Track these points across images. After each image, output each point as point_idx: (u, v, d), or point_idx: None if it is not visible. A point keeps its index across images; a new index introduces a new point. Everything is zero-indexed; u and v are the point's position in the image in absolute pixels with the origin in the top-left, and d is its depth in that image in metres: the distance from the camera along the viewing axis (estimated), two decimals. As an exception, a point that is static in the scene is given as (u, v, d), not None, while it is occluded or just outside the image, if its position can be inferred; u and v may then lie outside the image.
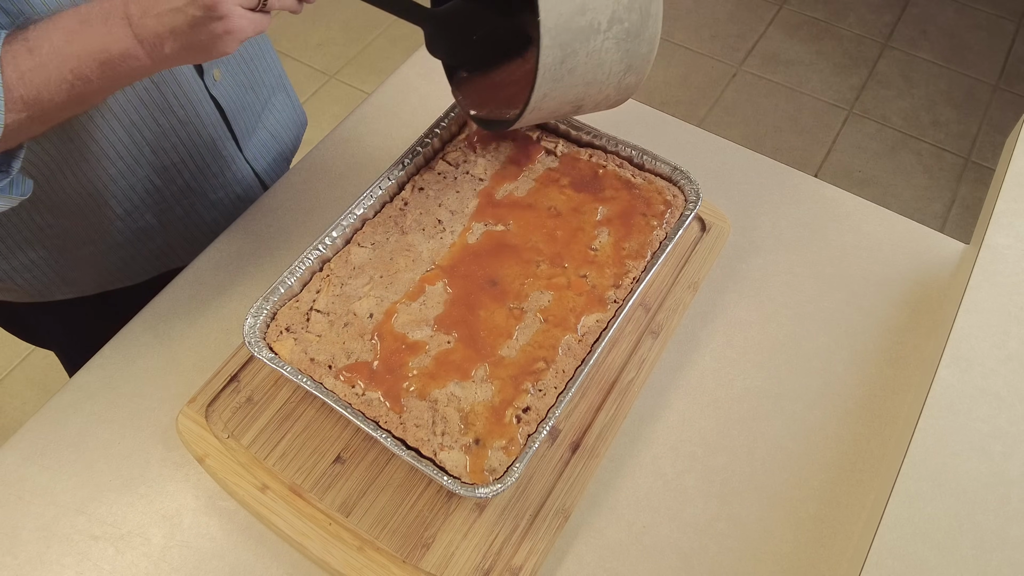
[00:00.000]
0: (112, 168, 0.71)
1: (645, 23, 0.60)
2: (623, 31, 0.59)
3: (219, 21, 0.50)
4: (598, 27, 0.58)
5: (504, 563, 0.60)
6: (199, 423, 0.65)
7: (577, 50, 0.58)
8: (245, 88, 0.80)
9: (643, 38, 0.61)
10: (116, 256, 0.80)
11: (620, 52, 0.61)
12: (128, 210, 0.76)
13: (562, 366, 0.63)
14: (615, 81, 0.63)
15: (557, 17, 0.56)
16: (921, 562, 0.54)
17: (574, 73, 0.60)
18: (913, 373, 0.72)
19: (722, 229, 0.79)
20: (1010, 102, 2.24)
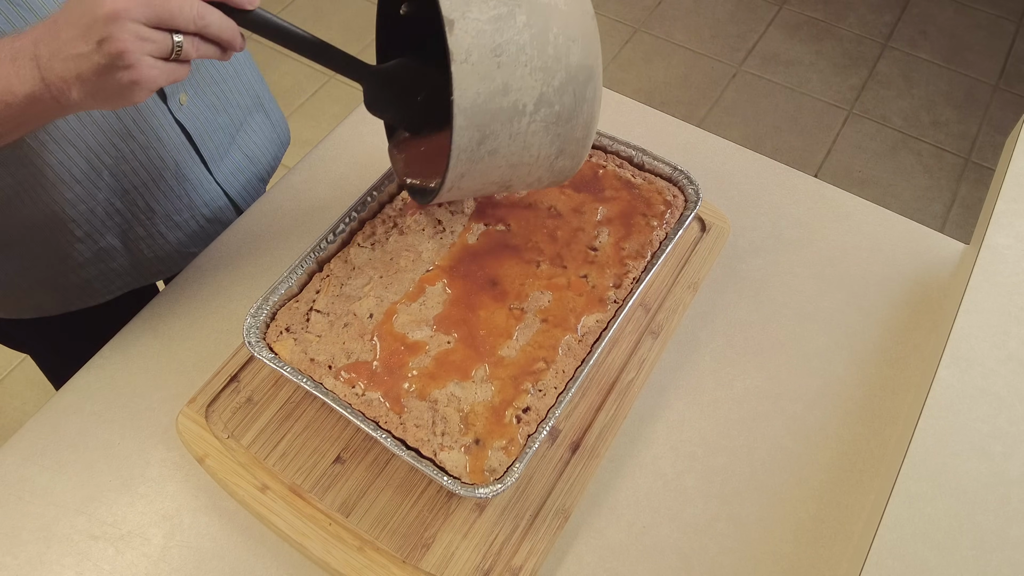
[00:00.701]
0: (69, 193, 0.70)
1: (579, 107, 0.56)
2: (553, 114, 0.55)
3: (126, 70, 0.47)
4: (523, 109, 0.54)
5: (504, 563, 0.60)
6: (199, 423, 0.65)
7: (498, 132, 0.54)
8: (216, 110, 0.78)
9: (576, 122, 0.56)
10: (78, 276, 0.78)
11: (550, 136, 0.56)
12: (88, 232, 0.75)
13: (562, 366, 0.63)
14: (546, 164, 0.59)
15: (474, 97, 0.52)
16: (921, 562, 0.54)
17: (496, 155, 0.55)
18: (913, 373, 0.72)
19: (722, 229, 0.79)
20: (1010, 102, 2.24)
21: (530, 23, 0.53)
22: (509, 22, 0.52)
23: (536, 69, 0.53)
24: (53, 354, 0.92)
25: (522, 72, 0.53)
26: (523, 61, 0.52)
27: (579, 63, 0.54)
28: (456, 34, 0.50)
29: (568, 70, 0.54)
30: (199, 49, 0.50)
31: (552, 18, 0.53)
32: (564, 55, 0.54)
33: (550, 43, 0.53)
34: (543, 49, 0.53)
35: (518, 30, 0.52)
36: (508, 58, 0.52)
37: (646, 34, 2.42)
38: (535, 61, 0.53)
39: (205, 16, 0.49)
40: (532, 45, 0.53)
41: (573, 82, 0.55)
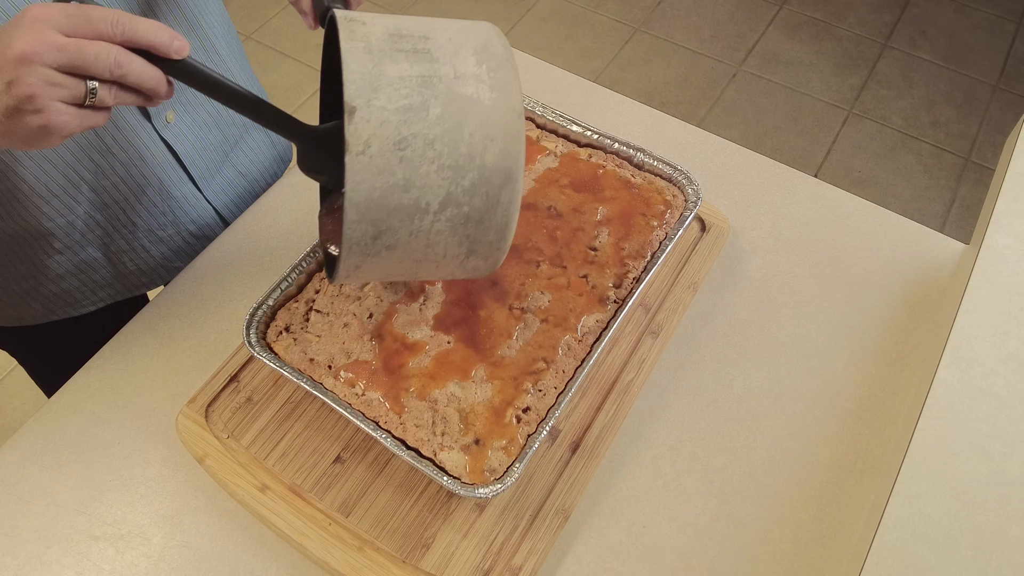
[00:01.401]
0: (47, 207, 0.68)
1: (492, 210, 0.51)
2: (460, 215, 0.50)
3: (35, 114, 0.45)
4: (426, 208, 0.49)
5: (504, 563, 0.60)
6: (199, 423, 0.65)
7: (396, 228, 0.49)
8: (207, 128, 0.77)
9: (490, 226, 0.52)
10: (58, 287, 0.77)
11: (458, 236, 0.51)
12: (68, 244, 0.73)
13: (562, 366, 0.63)
14: (455, 263, 0.54)
15: (369, 191, 0.47)
16: (921, 562, 0.54)
17: (395, 250, 0.51)
18: (913, 373, 0.72)
19: (722, 229, 0.79)
20: (1010, 102, 2.24)
21: (444, 116, 0.48)
22: (420, 114, 0.47)
23: (445, 167, 0.48)
24: (40, 362, 0.91)
25: (428, 169, 0.48)
26: (430, 157, 0.48)
27: (495, 164, 0.49)
28: (356, 123, 0.46)
29: (481, 171, 0.49)
30: (117, 97, 0.48)
31: (471, 113, 0.49)
32: (479, 154, 0.49)
33: (464, 140, 0.48)
34: (455, 146, 0.48)
35: (429, 123, 0.48)
36: (413, 153, 0.47)
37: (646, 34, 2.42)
38: (444, 158, 0.48)
39: (123, 65, 0.46)
40: (443, 141, 0.48)
41: (486, 184, 0.50)
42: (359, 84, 0.46)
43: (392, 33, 0.50)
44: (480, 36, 0.52)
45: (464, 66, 0.50)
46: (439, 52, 0.50)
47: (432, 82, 0.48)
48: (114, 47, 0.46)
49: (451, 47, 0.50)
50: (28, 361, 0.92)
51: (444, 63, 0.49)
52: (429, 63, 0.49)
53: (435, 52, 0.49)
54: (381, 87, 0.47)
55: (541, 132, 0.79)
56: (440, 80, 0.48)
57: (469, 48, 0.51)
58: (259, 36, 2.39)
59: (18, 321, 0.80)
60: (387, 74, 0.47)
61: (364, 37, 0.49)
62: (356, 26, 0.49)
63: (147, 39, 0.47)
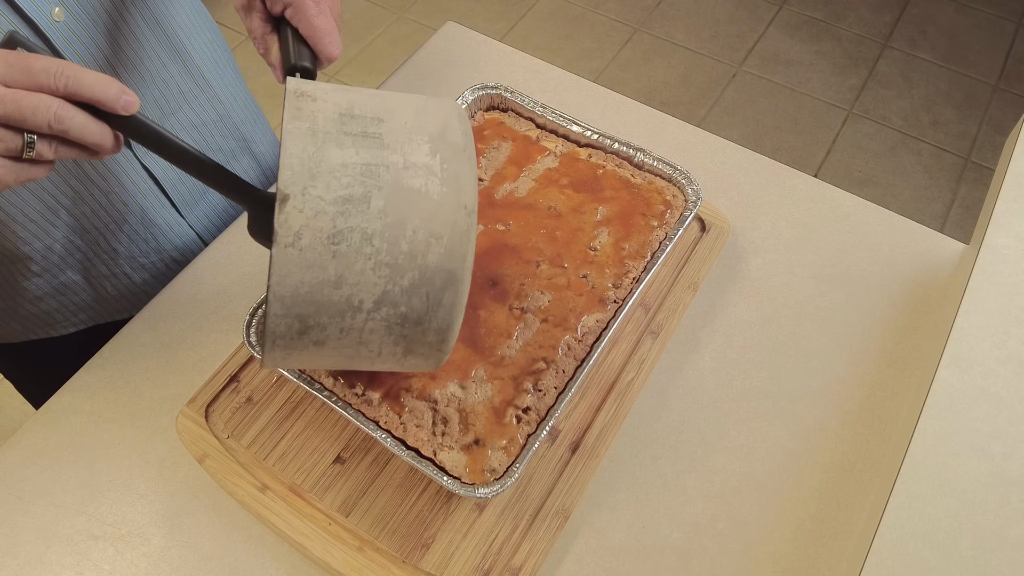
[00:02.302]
0: (23, 231, 0.68)
1: (432, 312, 0.47)
2: (397, 315, 0.47)
3: None
4: (359, 306, 0.46)
5: (504, 563, 0.60)
6: (199, 423, 0.65)
7: (325, 325, 0.46)
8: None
9: (429, 327, 0.48)
10: (37, 308, 0.76)
11: (393, 336, 0.48)
12: (46, 267, 0.72)
13: (562, 366, 0.63)
14: (392, 360, 0.51)
15: (296, 285, 0.44)
16: (921, 562, 0.54)
17: (324, 346, 0.48)
18: (913, 373, 0.72)
19: (722, 229, 0.79)
20: (1010, 102, 2.24)
21: (386, 210, 0.45)
22: (360, 206, 0.44)
23: (382, 264, 0.45)
24: (23, 377, 0.90)
25: (363, 266, 0.45)
26: (367, 254, 0.45)
27: (437, 265, 0.46)
28: (287, 212, 0.43)
29: (423, 271, 0.46)
30: (58, 151, 0.46)
31: (415, 208, 0.45)
32: (421, 253, 0.46)
33: (406, 237, 0.45)
34: (395, 243, 0.45)
35: (369, 217, 0.44)
36: (348, 248, 0.44)
37: (646, 34, 2.42)
38: (383, 255, 0.45)
39: (64, 120, 0.44)
40: (382, 236, 0.45)
41: (427, 285, 0.46)
42: (296, 170, 0.43)
43: (344, 112, 0.46)
44: (439, 121, 0.49)
45: (416, 155, 0.46)
46: (391, 137, 0.46)
47: (378, 172, 0.45)
48: (55, 100, 0.43)
49: (405, 132, 0.47)
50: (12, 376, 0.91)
51: (394, 150, 0.46)
52: (378, 150, 0.45)
53: (386, 137, 0.46)
54: (320, 174, 0.44)
55: (541, 132, 0.79)
56: (387, 170, 0.45)
57: (424, 135, 0.47)
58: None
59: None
60: (329, 160, 0.44)
61: (311, 116, 0.45)
62: (305, 102, 0.46)
63: (91, 93, 0.44)
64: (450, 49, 0.99)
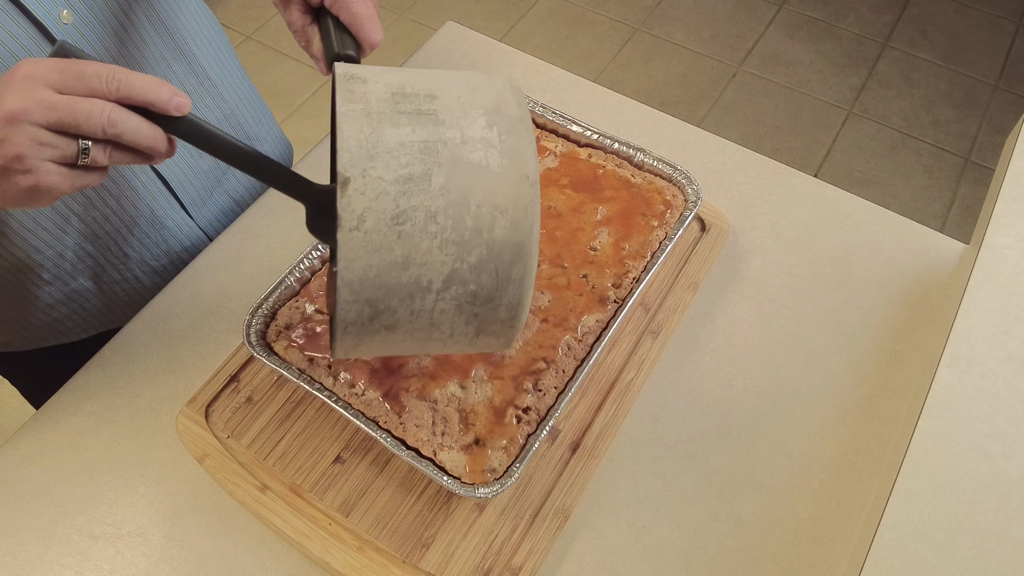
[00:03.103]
0: (35, 239, 0.68)
1: (502, 288, 0.46)
2: (467, 294, 0.46)
3: (24, 175, 0.43)
4: (428, 286, 0.45)
5: (504, 563, 0.60)
6: (199, 423, 0.65)
7: (395, 308, 0.45)
8: (199, 155, 0.75)
9: (500, 304, 0.47)
10: (48, 316, 0.76)
11: (464, 316, 0.47)
12: (58, 275, 0.72)
13: (562, 366, 0.63)
14: (464, 341, 0.50)
15: (364, 269, 0.43)
16: (921, 562, 0.54)
17: (395, 330, 0.47)
18: (913, 373, 0.72)
19: (722, 229, 0.79)
20: (1010, 102, 2.24)
21: (448, 187, 0.44)
22: (422, 184, 0.43)
23: (448, 242, 0.44)
24: (26, 382, 0.90)
25: (429, 245, 0.44)
26: (432, 232, 0.43)
27: (504, 239, 0.45)
28: (349, 195, 0.42)
29: (490, 246, 0.45)
30: (112, 156, 0.45)
31: (477, 182, 0.44)
32: (487, 228, 0.44)
33: (470, 213, 0.44)
34: (460, 219, 0.44)
35: (431, 195, 0.43)
36: (413, 227, 0.43)
37: (646, 34, 2.42)
38: (448, 233, 0.44)
39: (118, 123, 0.44)
40: (446, 214, 0.44)
41: (495, 260, 0.45)
42: (354, 152, 0.43)
43: (395, 92, 0.46)
44: (492, 95, 0.48)
45: (472, 129, 0.45)
46: (445, 113, 0.45)
47: (436, 148, 0.44)
48: (108, 104, 0.43)
49: (459, 108, 0.46)
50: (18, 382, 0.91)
51: (450, 126, 0.45)
52: (434, 126, 0.45)
53: (441, 114, 0.45)
54: (379, 155, 0.43)
55: (541, 132, 0.79)
56: (445, 145, 0.44)
57: (479, 109, 0.46)
58: (259, 36, 2.39)
59: (5, 347, 0.79)
60: (386, 140, 0.43)
61: (363, 98, 0.45)
62: (356, 85, 0.46)
63: (143, 96, 0.44)
64: (450, 49, 0.99)
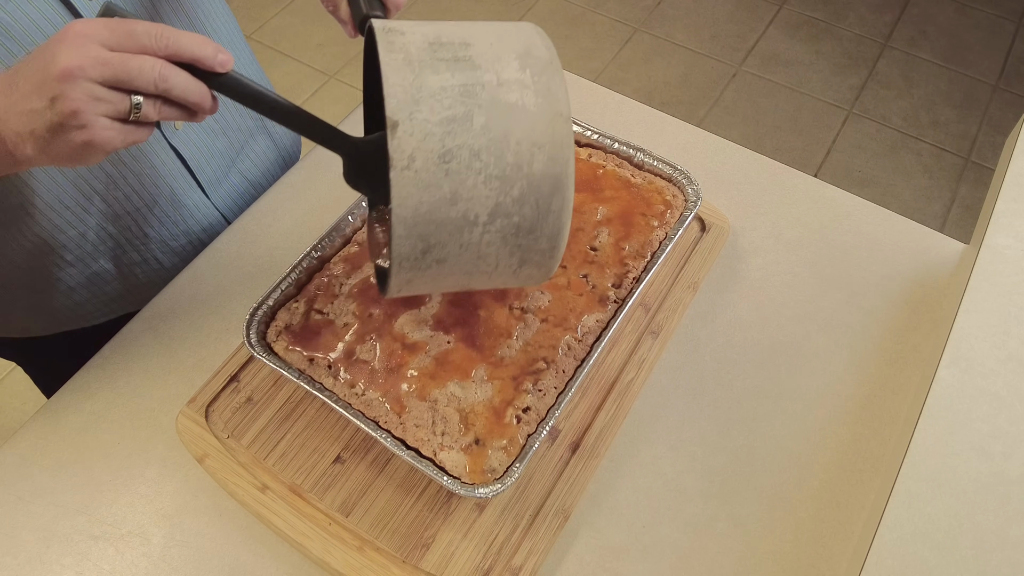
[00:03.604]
0: (59, 219, 0.68)
1: (543, 219, 0.50)
2: (511, 226, 0.49)
3: (79, 130, 0.45)
4: (475, 220, 0.48)
5: (504, 563, 0.60)
6: (199, 423, 0.65)
7: (446, 242, 0.49)
8: (214, 134, 0.76)
9: (541, 234, 0.50)
10: (69, 299, 0.77)
11: (509, 247, 0.50)
12: (80, 256, 0.73)
13: (562, 366, 0.63)
14: (508, 273, 0.53)
15: (416, 206, 0.46)
16: (921, 562, 0.54)
17: (445, 263, 0.50)
18: (913, 373, 0.72)
19: (722, 229, 0.79)
20: (1010, 102, 2.24)
21: (489, 126, 0.47)
22: (464, 125, 0.46)
23: (492, 177, 0.47)
24: (41, 370, 0.90)
25: (475, 181, 0.47)
26: (476, 169, 0.47)
27: (543, 172, 0.48)
28: (399, 137, 0.45)
29: (530, 180, 0.48)
30: (162, 112, 0.47)
31: (516, 121, 0.47)
32: (526, 163, 0.48)
33: (510, 149, 0.47)
34: (501, 156, 0.47)
35: (474, 134, 0.46)
36: (459, 165, 0.46)
37: (646, 34, 2.42)
38: (491, 169, 0.47)
39: (168, 78, 0.46)
40: (489, 151, 0.47)
41: (535, 192, 0.48)
42: (400, 97, 0.46)
43: (432, 42, 0.48)
44: (523, 39, 0.51)
45: (507, 72, 0.48)
46: (481, 59, 0.48)
47: (475, 91, 0.47)
48: (158, 61, 0.45)
49: (493, 53, 0.49)
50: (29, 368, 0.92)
51: (486, 70, 0.48)
52: (471, 71, 0.48)
53: (476, 59, 0.48)
54: (423, 99, 0.46)
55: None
56: (483, 88, 0.47)
57: (511, 53, 0.49)
58: (259, 36, 2.39)
59: (23, 332, 0.80)
60: (428, 85, 0.46)
61: (403, 48, 0.47)
62: (395, 37, 0.48)
63: (191, 52, 0.46)
64: (450, 49, 0.98)
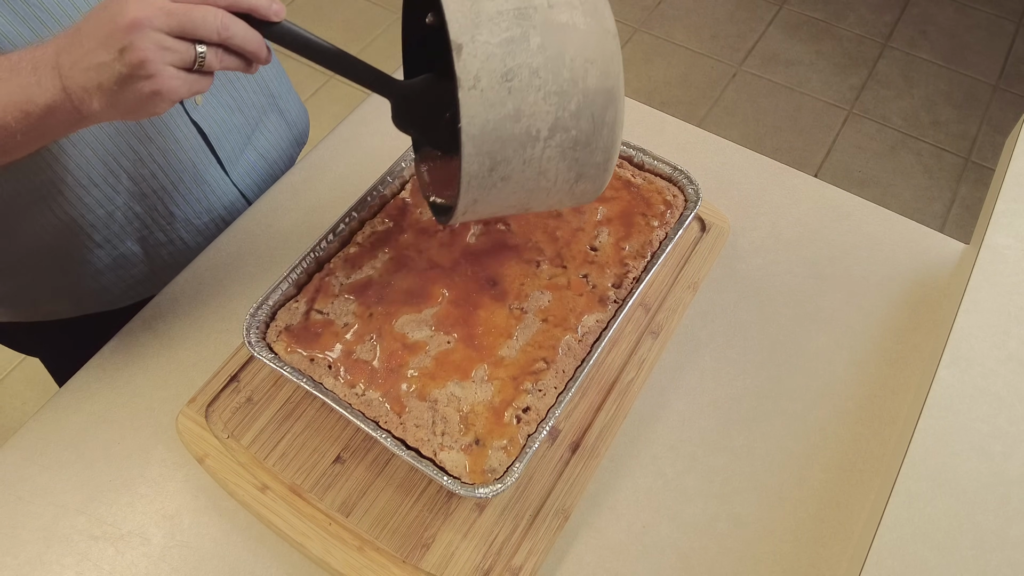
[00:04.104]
0: (88, 197, 0.69)
1: (598, 132, 0.53)
2: (569, 139, 0.53)
3: (147, 80, 0.46)
4: (536, 135, 0.51)
5: (504, 563, 0.60)
6: (199, 423, 0.65)
7: (510, 158, 0.52)
8: (231, 110, 0.78)
9: (596, 147, 0.54)
10: (96, 283, 0.78)
11: (567, 161, 0.54)
12: (108, 237, 0.74)
13: (562, 366, 0.63)
14: (565, 188, 0.56)
15: (483, 124, 0.50)
16: (921, 562, 0.54)
17: (509, 181, 0.53)
18: (913, 373, 0.72)
19: (722, 229, 0.79)
20: (1010, 102, 2.24)
21: (545, 45, 0.50)
22: (522, 45, 0.50)
23: (550, 94, 0.51)
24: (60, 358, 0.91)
25: (535, 97, 0.50)
26: (536, 86, 0.50)
27: (597, 86, 0.52)
28: (464, 59, 0.48)
29: (585, 94, 0.51)
30: (223, 60, 0.49)
31: (569, 39, 0.51)
32: (581, 78, 0.51)
33: (566, 66, 0.51)
34: (558, 72, 0.50)
35: (531, 53, 0.50)
36: (520, 83, 0.50)
37: (646, 34, 2.42)
38: (549, 85, 0.50)
39: (229, 27, 0.48)
40: (546, 69, 0.50)
41: (591, 106, 0.52)
42: (461, 22, 0.49)
43: None
44: None
45: None
46: None
47: (528, 13, 0.50)
48: (220, 11, 0.48)
49: None
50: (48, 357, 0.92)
51: None
52: None
53: None
54: (482, 23, 0.49)
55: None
56: (536, 11, 0.50)
57: None
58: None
59: (49, 315, 0.81)
60: (485, 10, 0.50)
61: None
62: None
63: (248, 2, 0.49)
64: (450, 49, 0.98)
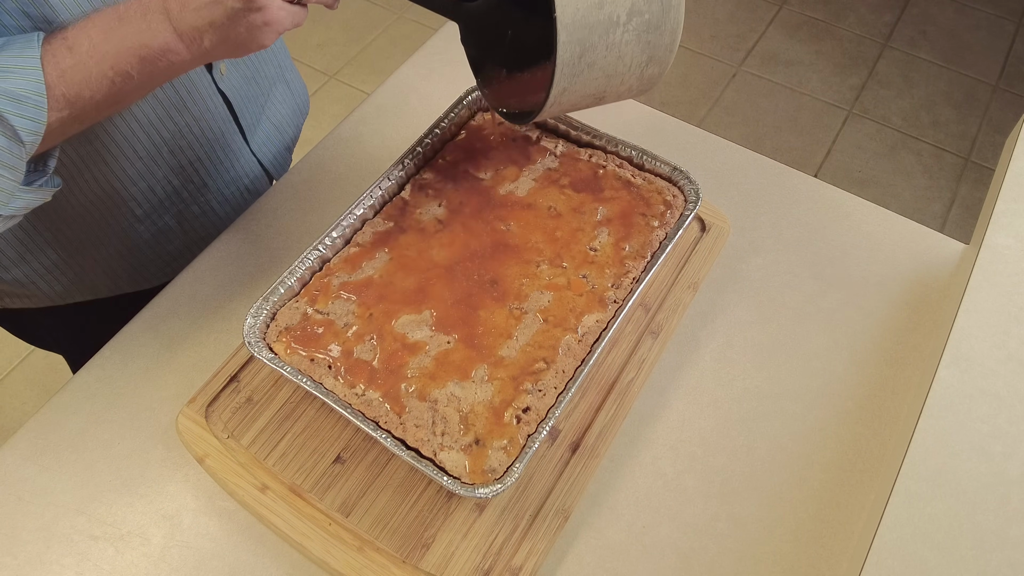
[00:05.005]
0: (131, 169, 0.71)
1: (666, 14, 0.59)
2: (643, 23, 0.59)
3: (257, 13, 0.51)
4: (617, 20, 0.57)
5: (504, 563, 0.60)
6: (199, 423, 0.65)
7: (596, 44, 0.58)
8: (248, 81, 0.80)
9: (664, 29, 0.60)
10: (134, 258, 0.80)
11: (641, 44, 0.60)
12: (148, 212, 0.77)
13: (562, 366, 0.63)
14: (637, 72, 0.62)
15: (574, 13, 0.55)
16: (921, 562, 0.54)
17: (594, 67, 0.59)
18: (913, 373, 0.72)
19: (722, 229, 0.79)
20: (1010, 102, 2.24)
21: None
22: None
23: None
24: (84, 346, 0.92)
25: None
26: None
27: None
28: None
29: None
30: None
31: None
32: None
33: None
34: None
35: None
36: None
37: (646, 34, 2.42)
38: None
39: None
40: None
41: None
42: None
43: None
44: None
45: None
46: None
47: None
48: None
49: None
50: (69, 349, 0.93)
51: None
52: None
53: None
54: None
55: (541, 132, 0.79)
56: None
57: None
58: None
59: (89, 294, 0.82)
60: None
61: None
62: None
63: None
64: (450, 49, 0.99)
